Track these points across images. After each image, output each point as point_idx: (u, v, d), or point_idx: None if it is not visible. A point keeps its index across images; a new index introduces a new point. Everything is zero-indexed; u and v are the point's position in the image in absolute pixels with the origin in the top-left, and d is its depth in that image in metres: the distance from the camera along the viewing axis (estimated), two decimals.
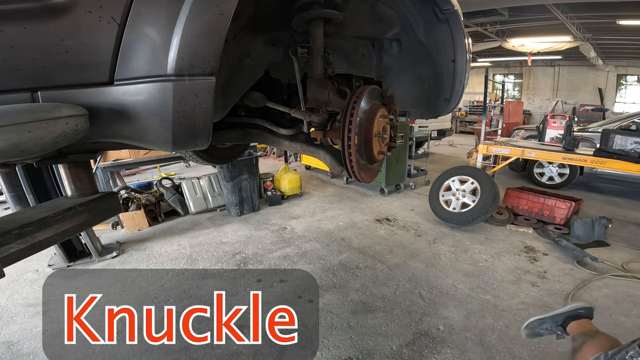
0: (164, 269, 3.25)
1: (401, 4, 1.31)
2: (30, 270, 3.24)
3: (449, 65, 1.39)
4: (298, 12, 1.11)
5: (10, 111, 0.54)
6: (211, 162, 2.03)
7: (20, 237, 0.75)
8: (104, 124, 0.67)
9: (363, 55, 1.49)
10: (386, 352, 2.13)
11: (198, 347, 2.22)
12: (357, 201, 5.09)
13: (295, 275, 3.06)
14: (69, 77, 0.65)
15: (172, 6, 0.60)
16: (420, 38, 1.40)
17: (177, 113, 0.63)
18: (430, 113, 1.61)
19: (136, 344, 2.26)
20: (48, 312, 2.63)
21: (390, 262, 3.24)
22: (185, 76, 0.62)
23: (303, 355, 2.13)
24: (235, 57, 1.10)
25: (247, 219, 4.48)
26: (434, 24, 1.34)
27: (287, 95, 1.53)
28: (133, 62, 0.63)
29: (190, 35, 0.60)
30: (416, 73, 1.50)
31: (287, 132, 1.45)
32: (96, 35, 0.62)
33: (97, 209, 0.98)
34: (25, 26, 0.60)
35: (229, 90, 1.12)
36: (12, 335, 2.39)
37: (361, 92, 1.02)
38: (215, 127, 1.09)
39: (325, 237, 3.87)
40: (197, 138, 0.70)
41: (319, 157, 1.41)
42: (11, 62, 0.61)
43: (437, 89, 1.47)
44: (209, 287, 2.91)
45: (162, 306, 2.64)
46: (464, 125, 13.16)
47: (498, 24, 7.66)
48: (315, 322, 2.42)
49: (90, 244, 3.31)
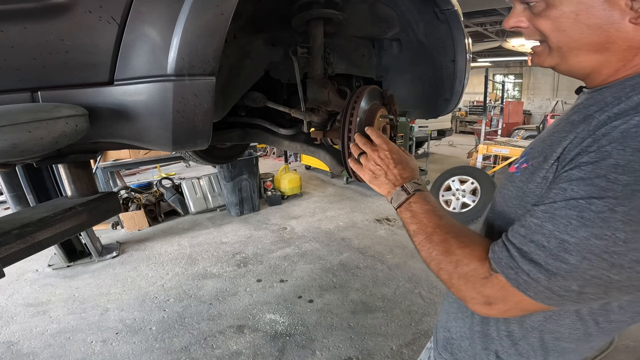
0: (164, 269, 3.25)
1: (401, 4, 1.31)
2: (30, 270, 3.24)
3: (449, 65, 1.39)
4: (298, 12, 1.11)
5: (10, 111, 0.53)
6: (211, 162, 2.03)
7: (20, 237, 0.75)
8: (104, 124, 0.67)
9: (363, 55, 1.49)
10: (386, 352, 2.13)
11: (198, 347, 2.22)
12: (357, 201, 5.10)
13: (295, 275, 3.06)
14: (69, 77, 0.65)
15: (172, 6, 0.60)
16: (420, 38, 1.40)
17: (177, 113, 0.63)
18: (430, 113, 1.60)
19: (136, 344, 2.26)
20: (48, 312, 2.63)
21: (390, 262, 3.25)
22: (186, 76, 0.62)
23: (303, 355, 2.13)
24: (235, 57, 1.10)
25: (247, 219, 4.48)
26: (434, 24, 1.34)
27: (287, 95, 1.53)
28: (133, 62, 0.63)
29: (190, 35, 0.60)
30: (416, 73, 1.50)
31: (287, 132, 1.45)
32: (96, 35, 0.62)
33: (97, 209, 0.98)
34: (25, 26, 0.60)
35: (229, 90, 1.12)
36: (12, 335, 2.39)
37: (361, 92, 1.02)
38: (215, 127, 1.09)
39: (325, 237, 3.88)
40: (197, 138, 0.70)
41: (319, 157, 1.41)
42: (11, 62, 0.61)
43: (437, 89, 1.47)
44: (209, 287, 2.92)
45: (162, 306, 2.65)
46: (464, 125, 13.17)
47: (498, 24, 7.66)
48: (315, 322, 2.42)
49: (90, 244, 3.32)
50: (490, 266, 0.48)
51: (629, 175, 0.37)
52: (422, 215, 0.61)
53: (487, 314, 0.51)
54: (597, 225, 0.38)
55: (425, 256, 0.57)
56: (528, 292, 0.44)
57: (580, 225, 0.39)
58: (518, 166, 0.58)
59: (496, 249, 0.48)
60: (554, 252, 0.41)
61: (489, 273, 0.48)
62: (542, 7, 0.52)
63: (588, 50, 0.50)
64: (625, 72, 0.50)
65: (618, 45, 0.48)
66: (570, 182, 0.42)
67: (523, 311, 0.49)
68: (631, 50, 0.48)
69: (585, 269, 0.40)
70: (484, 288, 0.49)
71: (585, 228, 0.39)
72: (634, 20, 0.45)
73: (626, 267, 0.39)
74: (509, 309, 0.48)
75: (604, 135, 0.42)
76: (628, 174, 0.37)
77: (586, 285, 0.41)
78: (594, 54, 0.50)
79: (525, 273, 0.43)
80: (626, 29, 0.46)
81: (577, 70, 0.54)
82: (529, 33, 0.56)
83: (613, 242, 0.38)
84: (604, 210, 0.38)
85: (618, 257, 0.38)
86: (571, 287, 0.41)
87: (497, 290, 0.47)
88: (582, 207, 0.40)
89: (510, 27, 0.57)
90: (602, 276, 0.40)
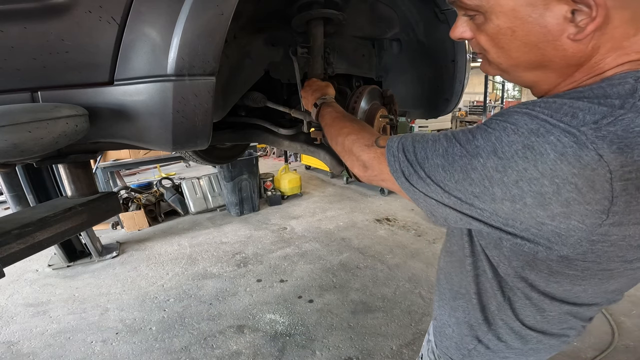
0: (164, 269, 3.25)
1: (401, 4, 1.31)
2: (30, 270, 3.24)
3: (449, 65, 1.39)
4: (298, 12, 1.11)
5: (11, 111, 0.53)
6: (211, 162, 2.03)
7: (20, 237, 0.75)
8: (104, 124, 0.67)
9: (363, 55, 1.49)
10: (386, 352, 2.13)
11: (198, 347, 2.22)
12: (357, 201, 5.10)
13: (295, 275, 3.06)
14: (69, 77, 0.65)
15: (172, 6, 0.60)
16: (420, 38, 1.40)
17: (177, 113, 0.63)
18: (430, 113, 1.61)
19: (136, 344, 2.26)
20: (48, 312, 2.63)
21: (390, 262, 3.25)
22: (185, 76, 0.62)
23: (303, 356, 2.13)
24: (235, 57, 1.10)
25: (247, 219, 4.48)
26: (434, 24, 1.34)
27: (287, 95, 1.53)
28: (133, 62, 0.63)
29: (190, 35, 0.60)
30: (416, 73, 1.50)
31: (287, 132, 1.45)
32: (96, 36, 0.62)
33: (97, 209, 0.98)
34: (25, 26, 0.60)
35: (229, 90, 1.12)
36: (12, 335, 2.39)
37: (361, 92, 1.02)
38: (215, 127, 1.09)
39: (325, 237, 3.88)
40: (197, 138, 0.70)
41: (319, 157, 1.41)
42: (11, 62, 0.61)
43: (437, 88, 1.47)
44: (209, 287, 2.92)
45: (162, 306, 2.65)
46: (464, 125, 13.17)
47: None
48: (315, 322, 2.42)
49: (90, 244, 3.32)
50: (377, 140, 0.64)
51: (484, 141, 0.45)
52: (331, 118, 0.85)
53: (361, 175, 0.67)
54: (448, 161, 0.48)
55: (337, 146, 0.76)
56: (396, 179, 0.56)
57: (441, 155, 0.50)
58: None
59: (394, 139, 0.60)
60: (419, 160, 0.52)
61: (372, 143, 0.64)
62: (482, 21, 0.51)
63: (526, 68, 0.51)
64: (565, 87, 0.50)
65: (556, 63, 0.48)
66: (464, 131, 0.50)
67: (382, 183, 0.63)
68: (569, 68, 0.48)
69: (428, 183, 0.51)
70: (363, 152, 0.65)
71: (441, 158, 0.49)
72: (572, 37, 0.44)
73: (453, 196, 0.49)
74: (375, 177, 0.63)
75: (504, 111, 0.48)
76: (484, 140, 0.45)
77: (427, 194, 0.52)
78: (532, 70, 0.51)
79: (399, 162, 0.55)
80: (564, 47, 0.45)
81: (520, 83, 0.55)
82: (473, 45, 0.56)
83: (449, 177, 0.48)
84: (457, 155, 0.48)
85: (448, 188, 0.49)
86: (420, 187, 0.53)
87: (372, 158, 0.62)
88: (450, 145, 0.49)
89: (456, 37, 0.57)
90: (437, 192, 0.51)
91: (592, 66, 0.46)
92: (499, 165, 0.43)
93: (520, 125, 0.43)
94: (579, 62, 0.46)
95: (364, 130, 0.72)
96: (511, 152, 0.42)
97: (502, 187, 0.44)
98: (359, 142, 0.67)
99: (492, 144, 0.44)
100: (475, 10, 0.50)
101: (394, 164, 0.56)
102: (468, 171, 0.46)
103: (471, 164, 0.46)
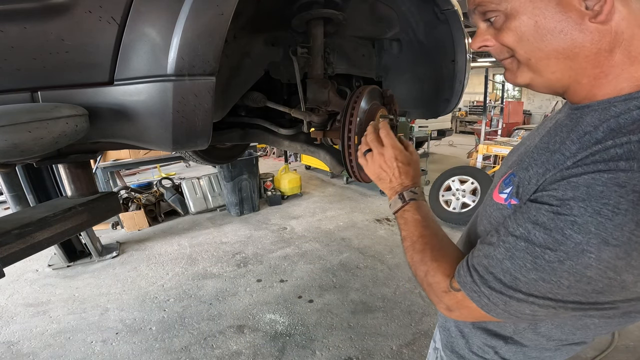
0: (164, 269, 3.25)
1: (401, 4, 1.31)
2: (30, 270, 3.24)
3: (449, 65, 1.39)
4: (298, 12, 1.11)
5: (11, 111, 0.54)
6: (211, 162, 2.03)
7: (20, 237, 0.75)
8: (103, 124, 0.67)
9: (363, 55, 1.49)
10: (386, 352, 2.13)
11: (198, 347, 2.22)
12: (357, 201, 5.10)
13: (295, 275, 3.06)
14: (69, 77, 0.65)
15: (172, 6, 0.60)
16: (420, 38, 1.40)
17: (177, 113, 0.63)
18: (430, 113, 1.60)
19: (136, 344, 2.26)
20: (48, 312, 2.63)
21: (390, 262, 3.25)
22: (185, 76, 0.62)
23: (303, 356, 2.13)
24: (235, 57, 1.10)
25: (247, 219, 4.48)
26: (434, 24, 1.34)
27: (287, 95, 1.53)
28: (133, 62, 0.63)
29: (190, 35, 0.60)
30: (416, 73, 1.50)
31: (287, 132, 1.45)
32: (96, 35, 0.62)
33: (97, 209, 0.98)
34: (25, 26, 0.60)
35: (229, 90, 1.12)
36: (12, 335, 2.39)
37: (361, 92, 1.02)
38: (215, 127, 1.09)
39: (325, 237, 3.88)
40: (197, 138, 0.70)
41: (319, 157, 1.41)
42: (11, 62, 0.61)
43: (437, 89, 1.47)
44: (209, 287, 2.92)
45: (162, 306, 2.65)
46: (464, 125, 13.17)
47: None
48: (315, 322, 2.42)
49: (90, 244, 3.32)
50: (451, 283, 0.56)
51: (582, 235, 0.41)
52: (411, 224, 0.69)
53: (449, 316, 0.59)
54: (546, 271, 0.44)
55: (408, 259, 0.67)
56: (490, 312, 0.51)
57: (532, 268, 0.45)
58: (507, 198, 0.56)
59: (461, 272, 0.54)
60: (508, 285, 0.48)
61: (448, 288, 0.56)
62: (502, 20, 0.50)
63: (557, 58, 0.48)
64: (609, 85, 0.47)
65: (587, 49, 0.46)
66: (535, 224, 0.46)
67: (480, 319, 0.56)
68: (601, 54, 0.45)
69: (532, 302, 0.47)
70: (443, 298, 0.57)
71: (535, 272, 0.45)
72: (593, 20, 0.43)
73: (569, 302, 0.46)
74: (467, 316, 0.57)
75: (571, 180, 0.44)
76: (582, 234, 0.41)
77: (535, 312, 0.49)
78: (564, 60, 0.48)
79: (486, 297, 0.50)
80: (590, 30, 0.44)
81: (554, 82, 0.51)
82: (497, 51, 0.54)
83: (557, 286, 0.44)
84: (554, 261, 0.43)
85: (561, 296, 0.45)
86: (524, 311, 0.49)
87: (455, 303, 0.55)
88: (537, 254, 0.45)
89: (477, 47, 0.55)
90: (548, 306, 0.47)
91: (628, 47, 0.45)
92: (619, 252, 0.39)
93: (618, 202, 0.39)
94: (611, 45, 0.45)
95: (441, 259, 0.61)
96: (625, 235, 0.38)
97: (632, 271, 0.40)
98: (436, 286, 0.58)
99: (597, 235, 0.40)
100: (495, 10, 0.50)
101: (480, 301, 0.51)
102: (580, 272, 0.42)
103: (581, 263, 0.41)
